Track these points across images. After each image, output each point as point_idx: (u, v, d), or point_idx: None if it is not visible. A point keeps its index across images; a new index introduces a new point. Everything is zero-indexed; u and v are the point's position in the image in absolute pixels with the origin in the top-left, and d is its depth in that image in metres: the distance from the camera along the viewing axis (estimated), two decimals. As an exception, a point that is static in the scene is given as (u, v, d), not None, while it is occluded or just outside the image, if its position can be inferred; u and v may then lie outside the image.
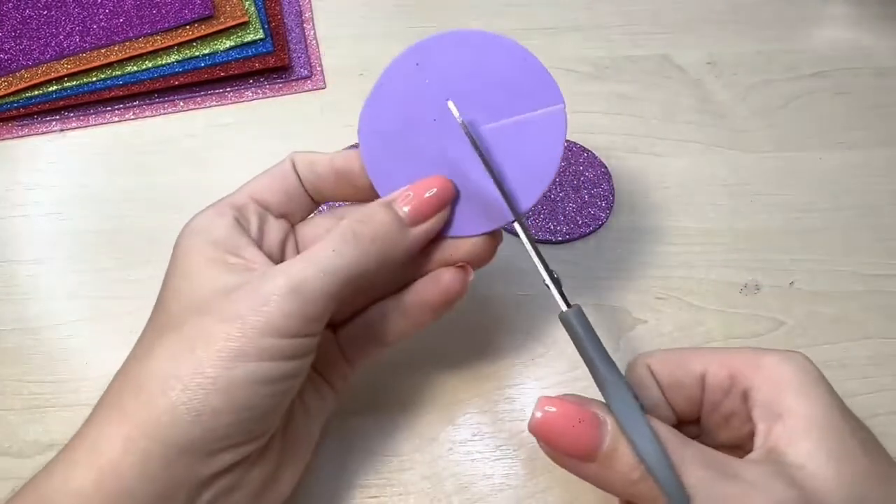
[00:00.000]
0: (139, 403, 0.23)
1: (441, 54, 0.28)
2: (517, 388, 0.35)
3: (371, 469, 0.32)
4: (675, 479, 0.22)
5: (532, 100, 0.28)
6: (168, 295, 0.26)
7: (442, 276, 0.28)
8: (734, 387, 0.25)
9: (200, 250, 0.26)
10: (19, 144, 0.42)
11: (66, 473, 0.22)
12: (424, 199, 0.27)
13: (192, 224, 0.27)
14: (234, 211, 0.27)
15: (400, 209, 0.26)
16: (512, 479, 0.32)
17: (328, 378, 0.30)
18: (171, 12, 0.43)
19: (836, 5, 0.48)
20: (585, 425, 0.23)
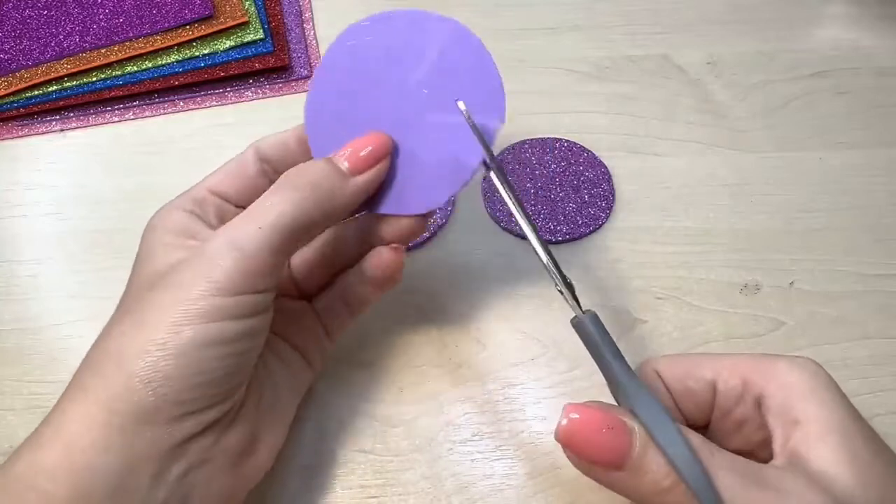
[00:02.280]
0: (96, 379, 0.23)
1: (376, 34, 0.29)
2: (517, 389, 0.35)
3: (371, 469, 0.32)
4: (708, 486, 0.21)
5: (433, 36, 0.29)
6: (130, 282, 0.26)
7: (381, 253, 0.29)
8: (746, 393, 0.25)
9: (160, 238, 0.26)
10: (19, 144, 0.42)
11: (33, 453, 0.23)
12: (364, 152, 0.27)
13: (153, 218, 0.28)
14: (193, 204, 0.28)
15: (340, 162, 0.27)
16: (512, 479, 0.32)
17: (305, 351, 0.30)
18: (171, 12, 0.43)
19: (836, 5, 0.48)
20: (614, 432, 0.22)
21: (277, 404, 0.28)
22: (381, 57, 0.29)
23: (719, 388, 0.26)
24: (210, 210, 0.28)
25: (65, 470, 0.22)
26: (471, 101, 0.28)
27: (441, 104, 0.28)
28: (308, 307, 0.31)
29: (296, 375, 0.30)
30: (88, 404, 0.23)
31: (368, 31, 0.29)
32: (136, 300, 0.25)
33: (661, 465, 0.22)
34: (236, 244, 0.24)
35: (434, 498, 0.32)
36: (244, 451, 0.26)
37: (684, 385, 0.27)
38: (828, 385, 0.24)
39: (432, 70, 0.29)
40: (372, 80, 0.29)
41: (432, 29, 0.29)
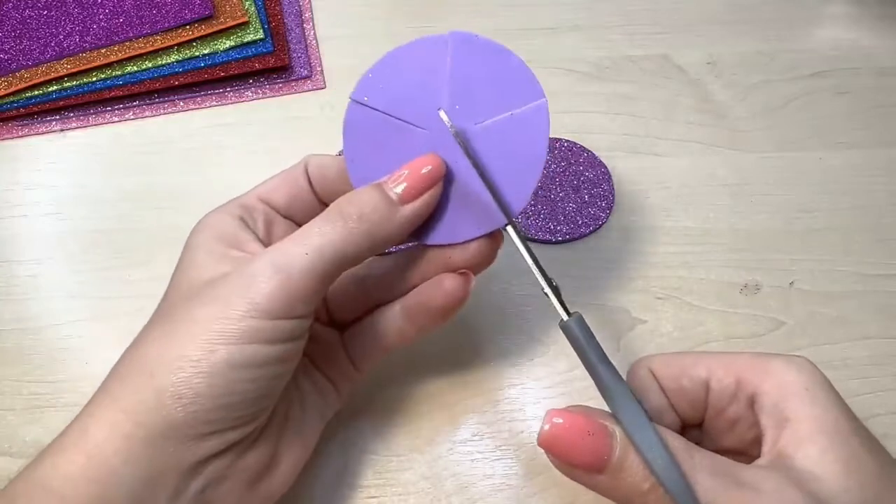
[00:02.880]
0: (125, 388, 0.23)
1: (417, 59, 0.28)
2: (517, 389, 0.35)
3: (371, 469, 0.32)
4: (686, 489, 0.22)
5: (514, 97, 0.28)
6: (170, 287, 0.26)
7: (444, 281, 0.28)
8: (740, 392, 0.25)
9: (204, 245, 0.26)
10: (19, 144, 0.42)
11: (56, 459, 0.22)
12: (416, 176, 0.26)
13: (201, 222, 0.27)
14: (242, 210, 0.27)
15: (390, 190, 0.26)
16: (512, 479, 0.32)
17: (332, 379, 0.30)
18: (171, 12, 0.43)
19: (836, 5, 0.48)
20: (595, 437, 0.23)
21: (302, 427, 0.28)
22: (462, 77, 0.28)
23: (713, 386, 0.26)
24: (259, 218, 0.28)
25: (86, 478, 0.22)
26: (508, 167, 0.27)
27: (483, 154, 0.28)
28: (336, 337, 0.30)
29: (324, 400, 0.30)
30: (115, 413, 0.23)
31: (465, 47, 0.28)
32: (173, 309, 0.25)
33: (640, 468, 0.22)
34: (281, 267, 0.24)
35: (434, 498, 0.32)
36: (263, 471, 0.26)
37: (678, 383, 0.27)
38: (821, 384, 0.24)
39: (496, 123, 0.28)
40: (439, 91, 0.28)
41: (512, 76, 0.28)
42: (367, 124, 0.28)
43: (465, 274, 0.28)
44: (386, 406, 0.34)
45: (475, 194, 0.27)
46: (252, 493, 0.26)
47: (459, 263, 0.28)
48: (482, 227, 0.27)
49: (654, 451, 0.22)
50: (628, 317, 0.37)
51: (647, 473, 0.22)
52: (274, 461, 0.26)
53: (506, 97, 0.28)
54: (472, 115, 0.28)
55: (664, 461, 0.22)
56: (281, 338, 0.24)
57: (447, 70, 0.28)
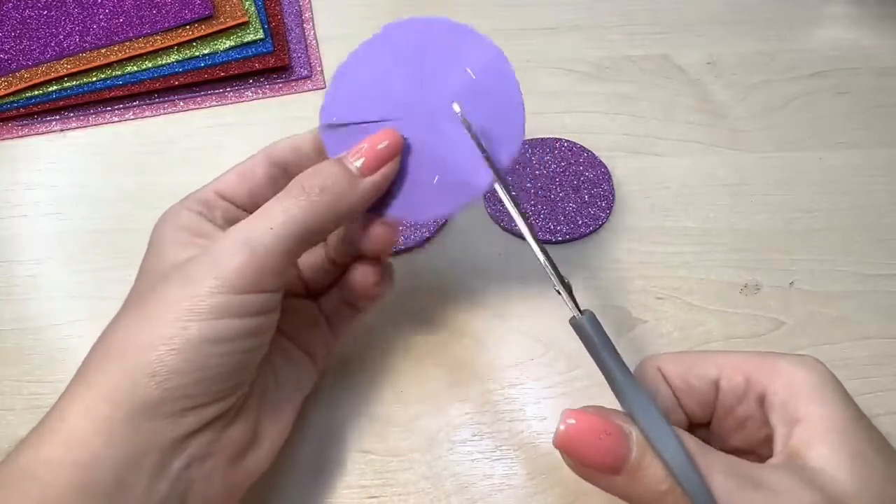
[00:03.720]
0: (100, 372, 0.23)
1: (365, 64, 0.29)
2: (517, 389, 0.35)
3: (371, 469, 0.32)
4: (704, 490, 0.21)
5: (469, 58, 0.28)
6: (138, 277, 0.27)
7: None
8: (750, 391, 0.25)
9: (169, 235, 0.27)
10: (19, 144, 0.42)
11: (37, 445, 0.23)
12: (375, 149, 0.27)
13: (162, 217, 0.28)
14: (200, 205, 0.28)
15: (350, 163, 0.27)
16: (512, 479, 0.32)
17: (309, 348, 0.31)
18: (171, 12, 0.43)
19: (836, 5, 0.48)
20: (611, 438, 0.23)
21: (280, 401, 0.28)
22: (410, 60, 0.29)
23: (722, 385, 0.26)
24: (217, 213, 0.28)
25: (66, 462, 0.22)
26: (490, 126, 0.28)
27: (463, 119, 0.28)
28: (314, 306, 0.31)
29: (300, 373, 0.30)
30: (91, 397, 0.23)
31: (401, 33, 0.29)
32: (143, 295, 0.25)
33: (657, 469, 0.22)
34: (248, 243, 0.24)
35: (434, 498, 0.32)
36: (245, 446, 0.26)
37: (687, 382, 0.27)
38: (831, 383, 0.24)
39: (464, 86, 0.28)
40: (396, 82, 0.29)
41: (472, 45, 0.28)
42: (346, 140, 0.28)
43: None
44: (385, 406, 0.34)
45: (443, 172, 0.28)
46: (234, 470, 0.26)
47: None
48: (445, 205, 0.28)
49: (671, 452, 0.22)
50: (628, 317, 0.37)
51: (664, 474, 0.22)
52: (255, 437, 0.27)
53: (461, 62, 0.28)
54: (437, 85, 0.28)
55: (682, 462, 0.22)
56: (252, 311, 0.24)
57: (398, 59, 0.29)
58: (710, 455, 0.23)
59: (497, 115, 0.28)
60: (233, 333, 0.24)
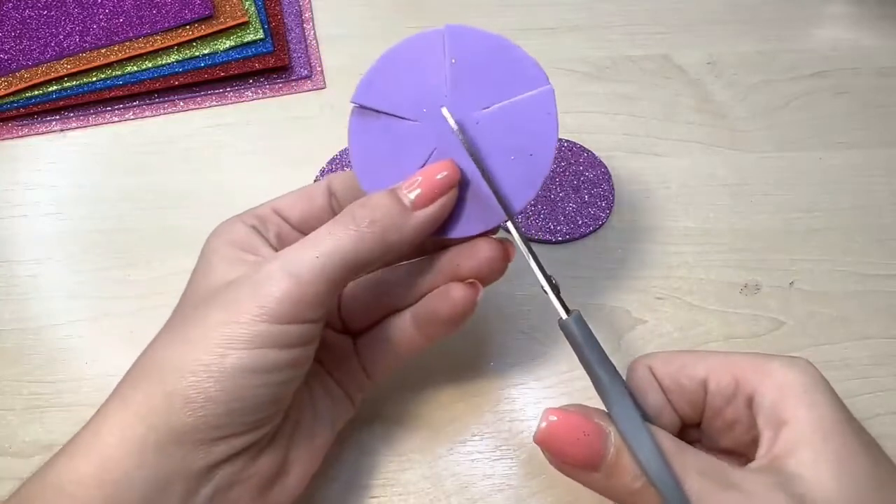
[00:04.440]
0: (137, 393, 0.23)
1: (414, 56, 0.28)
2: (517, 388, 0.35)
3: (371, 469, 0.32)
4: (676, 489, 0.22)
5: (518, 85, 0.27)
6: (185, 292, 0.26)
7: (451, 291, 0.28)
8: (739, 392, 0.25)
9: (218, 250, 0.26)
10: (19, 144, 0.42)
11: (68, 462, 0.23)
12: (431, 182, 0.26)
13: (215, 229, 0.27)
14: (256, 220, 0.27)
15: (404, 195, 0.26)
16: (512, 479, 0.32)
17: (344, 386, 0.30)
18: (171, 12, 0.43)
19: (836, 5, 0.48)
20: (589, 437, 0.23)
21: (313, 435, 0.28)
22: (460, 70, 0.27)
23: (711, 386, 0.26)
24: (271, 229, 0.28)
25: (98, 480, 0.22)
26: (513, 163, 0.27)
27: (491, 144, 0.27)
28: (349, 344, 0.30)
29: (336, 408, 0.29)
30: (127, 417, 0.23)
31: (460, 39, 0.28)
32: (186, 314, 0.25)
33: (632, 468, 0.23)
34: (291, 271, 0.24)
35: (434, 498, 0.32)
36: (273, 478, 0.26)
37: (677, 382, 0.27)
38: (820, 386, 0.24)
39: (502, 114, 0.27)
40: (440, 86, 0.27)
41: (526, 77, 0.27)
42: (372, 126, 0.28)
43: (472, 284, 0.28)
44: (385, 406, 0.34)
45: (478, 188, 0.27)
46: (262, 500, 0.26)
47: (467, 273, 0.28)
48: (484, 222, 0.27)
49: (646, 452, 0.23)
50: (628, 317, 0.37)
51: (638, 473, 0.23)
52: (284, 469, 0.26)
53: (509, 85, 0.27)
54: (476, 101, 0.27)
55: (656, 462, 0.22)
56: (291, 342, 0.24)
57: (446, 63, 0.28)
58: (687, 455, 0.23)
59: (525, 150, 0.27)
60: (271, 364, 0.23)
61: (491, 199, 0.27)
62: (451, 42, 0.27)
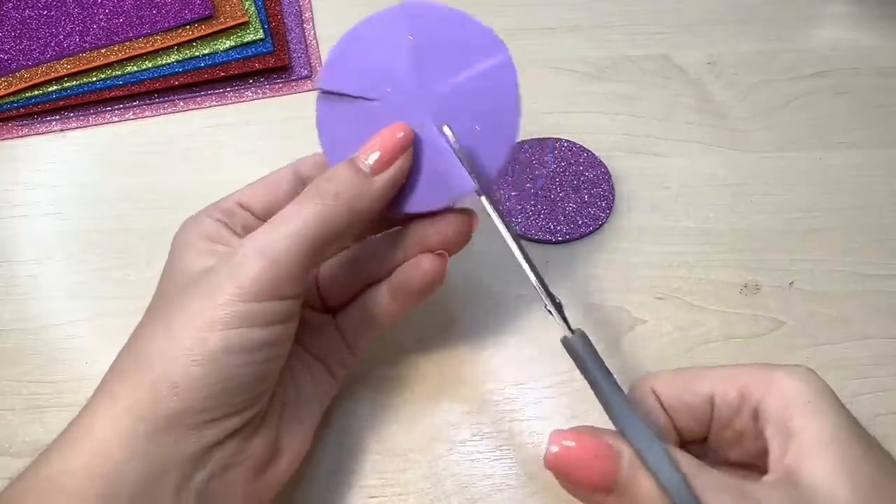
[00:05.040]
0: (125, 385, 0.23)
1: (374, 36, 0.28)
2: (517, 388, 0.35)
3: (371, 469, 0.32)
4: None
5: (478, 55, 0.28)
6: (159, 285, 0.27)
7: (421, 262, 0.29)
8: (744, 405, 0.25)
9: (190, 242, 0.26)
10: (19, 144, 0.42)
11: (62, 455, 0.23)
12: (386, 146, 0.27)
13: (183, 225, 0.28)
14: (222, 214, 0.28)
15: (362, 163, 0.26)
16: (512, 479, 0.32)
17: (327, 363, 0.31)
18: (171, 12, 0.43)
19: (836, 5, 0.48)
20: (602, 459, 0.23)
21: (301, 414, 0.28)
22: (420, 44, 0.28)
23: (717, 401, 0.26)
24: (237, 222, 0.28)
25: (92, 474, 0.22)
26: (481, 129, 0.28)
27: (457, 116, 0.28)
28: (331, 321, 0.31)
29: (320, 386, 0.30)
30: (116, 409, 0.23)
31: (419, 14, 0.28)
32: (164, 305, 0.25)
33: (648, 488, 0.22)
34: (264, 250, 0.24)
35: (434, 498, 0.32)
36: (267, 459, 0.26)
37: (682, 400, 0.26)
38: (824, 394, 0.24)
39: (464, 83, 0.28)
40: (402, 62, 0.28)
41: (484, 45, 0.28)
42: (338, 109, 0.28)
43: (440, 254, 0.29)
44: (385, 406, 0.34)
45: (448, 161, 0.28)
46: (256, 482, 0.26)
47: (435, 244, 0.29)
48: (452, 191, 0.28)
49: (664, 470, 0.22)
50: (628, 317, 0.37)
51: (656, 493, 0.22)
52: (276, 449, 0.27)
53: (469, 56, 0.28)
54: (438, 76, 0.28)
55: (675, 480, 0.22)
56: (271, 320, 0.24)
57: (405, 40, 0.28)
58: (703, 473, 0.23)
59: (490, 120, 0.28)
60: (252, 343, 0.24)
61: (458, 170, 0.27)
62: (409, 19, 0.28)
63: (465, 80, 0.28)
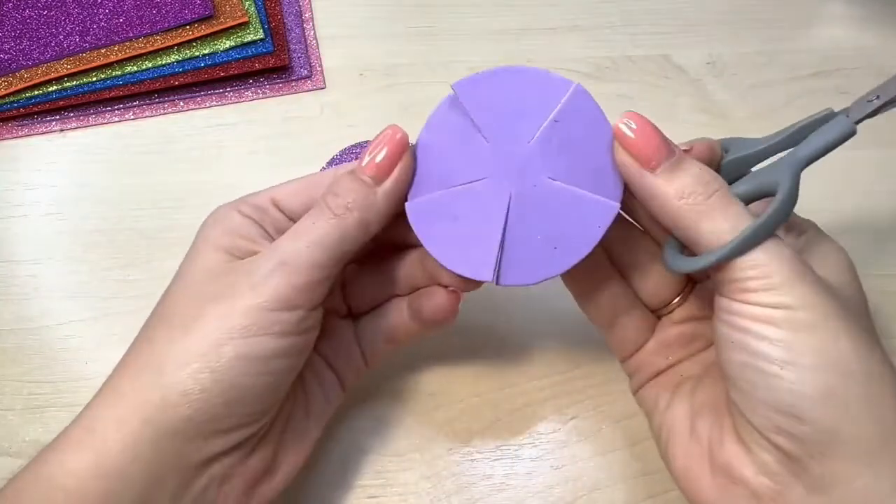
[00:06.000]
0: (133, 386, 0.23)
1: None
2: (517, 388, 0.35)
3: (371, 469, 0.32)
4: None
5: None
6: (177, 279, 0.26)
7: (435, 294, 0.29)
8: None
9: (215, 237, 0.26)
10: (19, 144, 0.42)
11: (64, 454, 0.23)
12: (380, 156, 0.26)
13: (212, 215, 0.27)
14: (254, 210, 0.27)
15: (363, 174, 0.26)
16: (512, 479, 0.32)
17: (340, 372, 0.30)
18: (171, 12, 0.43)
19: (836, 5, 0.48)
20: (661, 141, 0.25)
21: (303, 429, 0.28)
22: (486, 116, 0.27)
23: None
24: (268, 221, 0.27)
25: (94, 475, 0.22)
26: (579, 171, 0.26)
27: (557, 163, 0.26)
28: (350, 326, 0.31)
29: (328, 398, 0.30)
30: (123, 410, 0.23)
31: (471, 89, 0.27)
32: (179, 304, 0.25)
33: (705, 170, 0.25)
34: (284, 261, 0.24)
35: (434, 498, 0.32)
36: (263, 474, 0.26)
37: None
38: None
39: (547, 131, 0.26)
40: (477, 141, 0.27)
41: (546, 86, 0.26)
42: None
43: (453, 292, 0.29)
44: (385, 406, 0.34)
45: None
46: (251, 495, 0.26)
47: (446, 282, 0.29)
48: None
49: None
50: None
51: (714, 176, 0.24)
52: (274, 464, 0.26)
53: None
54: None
55: None
56: (288, 330, 0.24)
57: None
58: None
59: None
60: (269, 352, 0.24)
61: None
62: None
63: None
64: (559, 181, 0.26)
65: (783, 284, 0.22)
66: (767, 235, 0.23)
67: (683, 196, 0.24)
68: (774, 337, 0.22)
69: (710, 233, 0.23)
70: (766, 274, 0.23)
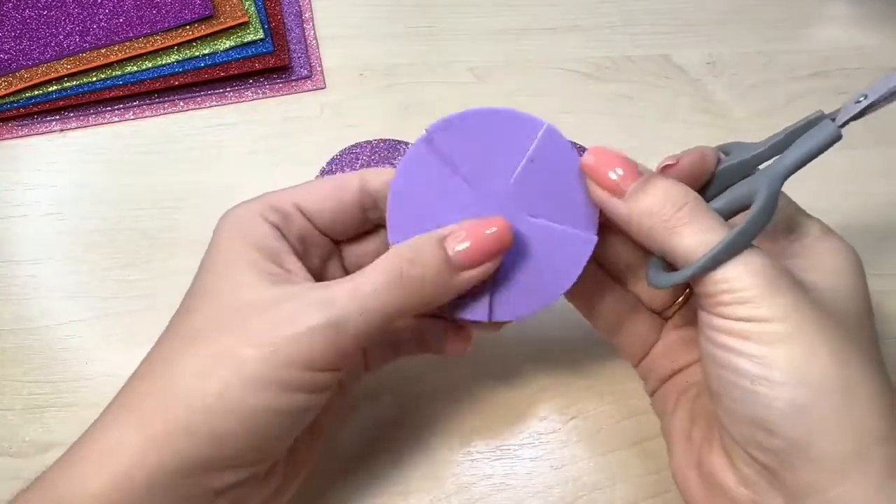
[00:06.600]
0: (159, 415, 0.22)
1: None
2: (517, 389, 0.35)
3: (371, 469, 0.32)
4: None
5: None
6: (201, 292, 0.25)
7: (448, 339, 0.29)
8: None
9: (240, 251, 0.25)
10: (19, 144, 0.42)
11: (82, 475, 0.22)
12: (481, 244, 0.25)
13: (229, 220, 0.26)
14: (274, 214, 0.26)
15: (452, 249, 0.25)
16: (512, 479, 0.32)
17: (344, 382, 0.30)
18: (171, 12, 0.43)
19: (836, 5, 0.48)
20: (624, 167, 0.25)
21: (309, 452, 0.28)
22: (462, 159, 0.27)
23: None
24: (293, 232, 0.26)
25: (110, 500, 0.22)
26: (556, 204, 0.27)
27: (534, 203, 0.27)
28: None
29: (331, 415, 0.29)
30: (146, 437, 0.22)
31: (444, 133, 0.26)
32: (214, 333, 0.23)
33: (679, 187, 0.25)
34: (334, 323, 0.23)
35: (434, 498, 0.32)
36: (276, 491, 0.26)
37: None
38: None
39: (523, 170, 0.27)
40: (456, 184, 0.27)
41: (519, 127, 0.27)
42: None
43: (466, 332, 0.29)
44: (385, 406, 0.34)
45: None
46: None
47: None
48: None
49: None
50: (628, 317, 0.36)
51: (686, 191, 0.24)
52: (280, 489, 0.26)
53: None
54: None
55: None
56: (320, 388, 0.24)
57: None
58: None
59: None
60: (301, 408, 0.23)
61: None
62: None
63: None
64: (540, 218, 0.27)
65: (756, 297, 0.22)
66: (743, 247, 0.23)
67: (652, 214, 0.24)
68: (748, 352, 0.22)
69: (682, 248, 0.23)
70: (740, 287, 0.22)
